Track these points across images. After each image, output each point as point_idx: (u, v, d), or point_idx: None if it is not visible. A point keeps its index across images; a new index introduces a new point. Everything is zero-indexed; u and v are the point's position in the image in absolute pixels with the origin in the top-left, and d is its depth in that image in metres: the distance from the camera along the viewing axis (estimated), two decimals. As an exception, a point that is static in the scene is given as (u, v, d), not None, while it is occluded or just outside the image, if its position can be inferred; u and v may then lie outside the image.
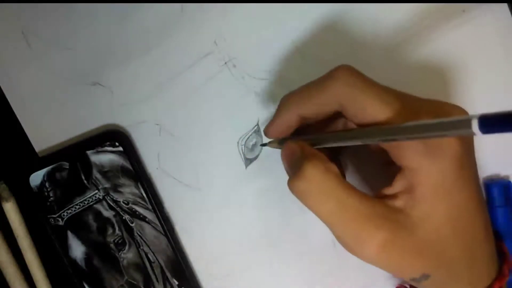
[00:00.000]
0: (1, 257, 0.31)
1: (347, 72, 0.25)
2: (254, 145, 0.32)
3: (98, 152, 0.31)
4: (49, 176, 0.31)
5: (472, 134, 0.17)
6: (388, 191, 0.24)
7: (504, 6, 0.32)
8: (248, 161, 0.33)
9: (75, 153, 0.31)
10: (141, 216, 0.32)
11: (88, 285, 0.32)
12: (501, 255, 0.27)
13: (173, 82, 0.32)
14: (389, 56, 0.32)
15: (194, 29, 0.31)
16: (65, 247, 0.32)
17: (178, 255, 0.32)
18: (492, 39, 0.32)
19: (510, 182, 0.33)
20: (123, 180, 0.32)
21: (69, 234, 0.32)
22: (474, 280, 0.25)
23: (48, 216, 0.31)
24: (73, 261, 0.32)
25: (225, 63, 0.32)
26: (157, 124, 0.32)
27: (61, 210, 0.31)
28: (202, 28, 0.31)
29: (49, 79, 0.32)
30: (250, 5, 0.32)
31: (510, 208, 0.32)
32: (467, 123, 0.17)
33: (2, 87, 0.31)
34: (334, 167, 0.24)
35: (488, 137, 0.32)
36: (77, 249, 0.32)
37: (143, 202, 0.32)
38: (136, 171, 0.32)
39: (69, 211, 0.31)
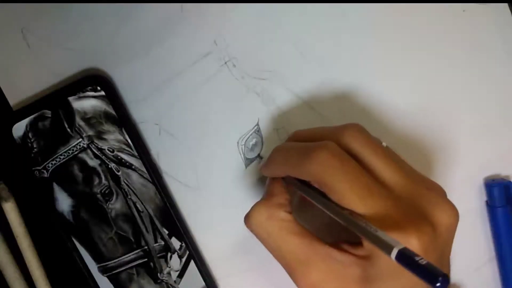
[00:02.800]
0: (1, 257, 0.31)
1: (327, 155, 0.24)
2: (254, 145, 0.32)
3: (80, 98, 0.30)
4: (31, 126, 0.30)
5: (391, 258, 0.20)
6: (346, 247, 0.25)
7: (504, 6, 0.32)
8: (248, 161, 0.32)
9: (56, 100, 0.30)
10: (127, 163, 0.31)
11: (77, 239, 0.31)
12: None
13: (173, 82, 0.32)
14: (390, 50, 0.32)
15: (194, 29, 0.31)
16: (52, 200, 0.31)
17: (167, 203, 0.31)
18: (492, 39, 0.32)
19: (510, 182, 0.33)
20: (106, 127, 0.31)
21: (55, 186, 0.31)
22: None
23: (33, 169, 0.31)
24: (60, 215, 0.31)
25: (225, 63, 0.32)
26: (157, 124, 0.32)
27: (45, 162, 0.31)
28: (202, 28, 0.32)
29: (48, 79, 0.31)
30: (250, 5, 0.32)
31: (511, 208, 0.32)
32: (389, 248, 0.20)
33: (2, 88, 0.31)
34: (280, 213, 0.26)
35: (488, 137, 0.32)
36: (64, 202, 0.31)
37: (128, 149, 0.31)
38: (120, 116, 0.31)
39: (53, 162, 0.31)
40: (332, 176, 0.23)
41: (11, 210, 0.31)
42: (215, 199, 0.32)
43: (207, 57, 0.32)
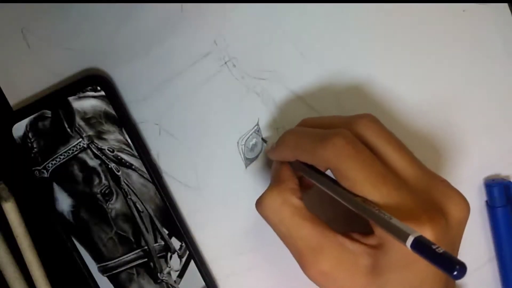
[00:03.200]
0: (1, 257, 0.31)
1: (342, 143, 0.24)
2: (254, 145, 0.32)
3: (80, 98, 0.30)
4: (31, 126, 0.30)
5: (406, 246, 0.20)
6: (357, 237, 0.25)
7: (504, 6, 0.32)
8: (248, 161, 0.32)
9: (56, 100, 0.30)
10: (127, 163, 0.31)
11: (77, 239, 0.31)
12: None
13: (173, 82, 0.32)
14: (390, 51, 0.32)
15: (194, 29, 0.31)
16: (52, 200, 0.31)
17: (167, 203, 0.31)
18: (492, 39, 0.32)
19: (510, 182, 0.33)
20: (106, 127, 0.31)
21: (55, 186, 0.31)
22: None
23: (33, 169, 0.31)
24: (60, 215, 0.31)
25: (225, 63, 0.32)
26: (157, 124, 0.32)
27: (45, 162, 0.31)
28: (202, 28, 0.31)
29: (48, 79, 0.31)
30: (250, 5, 0.32)
31: (511, 208, 0.32)
32: (405, 236, 0.20)
33: (2, 87, 0.31)
34: (292, 199, 0.26)
35: (488, 137, 0.32)
36: (64, 202, 0.31)
37: (128, 149, 0.31)
38: (120, 116, 0.31)
39: (53, 162, 0.31)
40: (346, 163, 0.23)
41: (11, 210, 0.31)
42: (215, 199, 0.32)
43: (207, 57, 0.32)
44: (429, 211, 0.23)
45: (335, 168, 0.24)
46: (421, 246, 0.19)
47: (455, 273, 0.18)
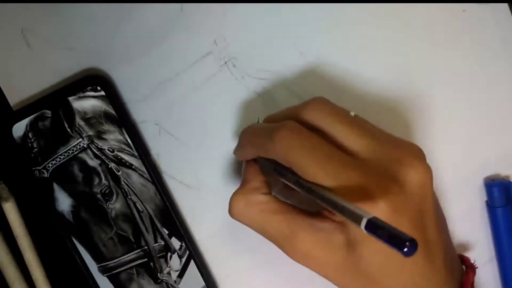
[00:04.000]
0: (1, 257, 0.31)
1: (287, 133, 0.24)
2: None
3: (80, 98, 0.30)
4: (31, 126, 0.30)
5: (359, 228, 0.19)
6: (327, 214, 0.25)
7: (504, 6, 0.32)
8: (248, 161, 0.32)
9: (56, 100, 0.30)
10: (127, 163, 0.31)
11: (77, 239, 0.31)
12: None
13: (173, 82, 0.32)
14: (390, 51, 0.32)
15: (194, 29, 0.31)
16: (52, 200, 0.31)
17: (167, 203, 0.31)
18: (492, 39, 0.32)
19: (510, 182, 0.33)
20: (106, 127, 0.31)
21: (55, 186, 0.31)
22: None
23: (33, 168, 0.31)
24: (60, 215, 0.31)
25: (225, 63, 0.32)
26: (157, 124, 0.32)
27: (45, 162, 0.31)
28: (202, 28, 0.31)
29: (48, 79, 0.31)
30: (250, 5, 0.32)
31: (511, 208, 0.32)
32: (359, 219, 0.19)
33: (2, 88, 0.31)
34: (257, 197, 0.27)
35: (488, 137, 0.33)
36: (64, 202, 0.31)
37: (128, 149, 0.31)
38: (120, 116, 0.31)
39: (53, 162, 0.31)
40: (293, 152, 0.24)
41: (11, 210, 0.31)
42: (215, 199, 0.32)
43: (207, 57, 0.32)
44: (382, 183, 0.23)
45: (286, 160, 0.24)
46: (374, 228, 0.19)
47: (405, 249, 0.17)
